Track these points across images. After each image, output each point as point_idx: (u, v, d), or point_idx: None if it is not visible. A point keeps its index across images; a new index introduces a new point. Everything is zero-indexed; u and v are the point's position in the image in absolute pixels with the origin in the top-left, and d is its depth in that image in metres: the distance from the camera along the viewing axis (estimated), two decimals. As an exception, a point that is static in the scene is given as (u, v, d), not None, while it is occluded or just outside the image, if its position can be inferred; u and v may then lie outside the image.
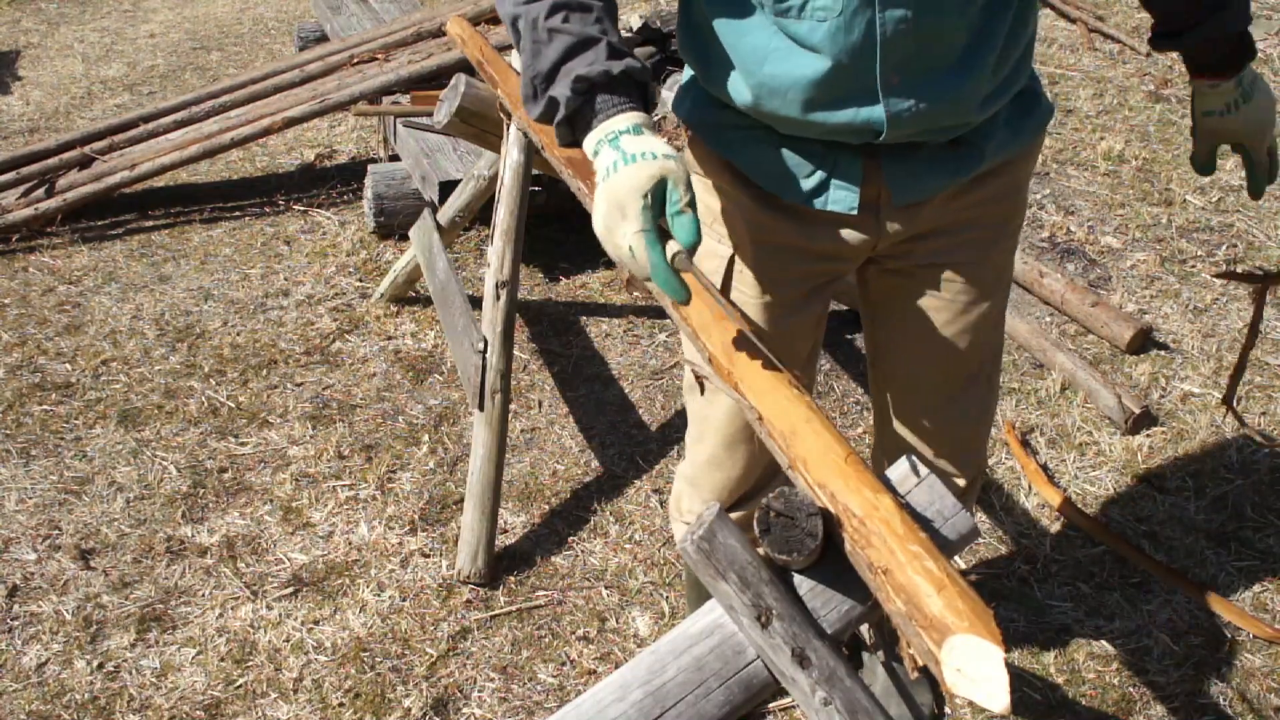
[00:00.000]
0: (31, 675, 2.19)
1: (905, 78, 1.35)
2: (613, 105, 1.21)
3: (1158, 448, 2.83)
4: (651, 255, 1.14)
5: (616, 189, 1.15)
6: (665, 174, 1.15)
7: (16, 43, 6.07)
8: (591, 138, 1.22)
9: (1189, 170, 4.14)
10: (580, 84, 1.20)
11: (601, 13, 1.27)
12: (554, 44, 1.24)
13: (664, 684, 1.11)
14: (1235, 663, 2.24)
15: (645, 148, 1.17)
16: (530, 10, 1.26)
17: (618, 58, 1.23)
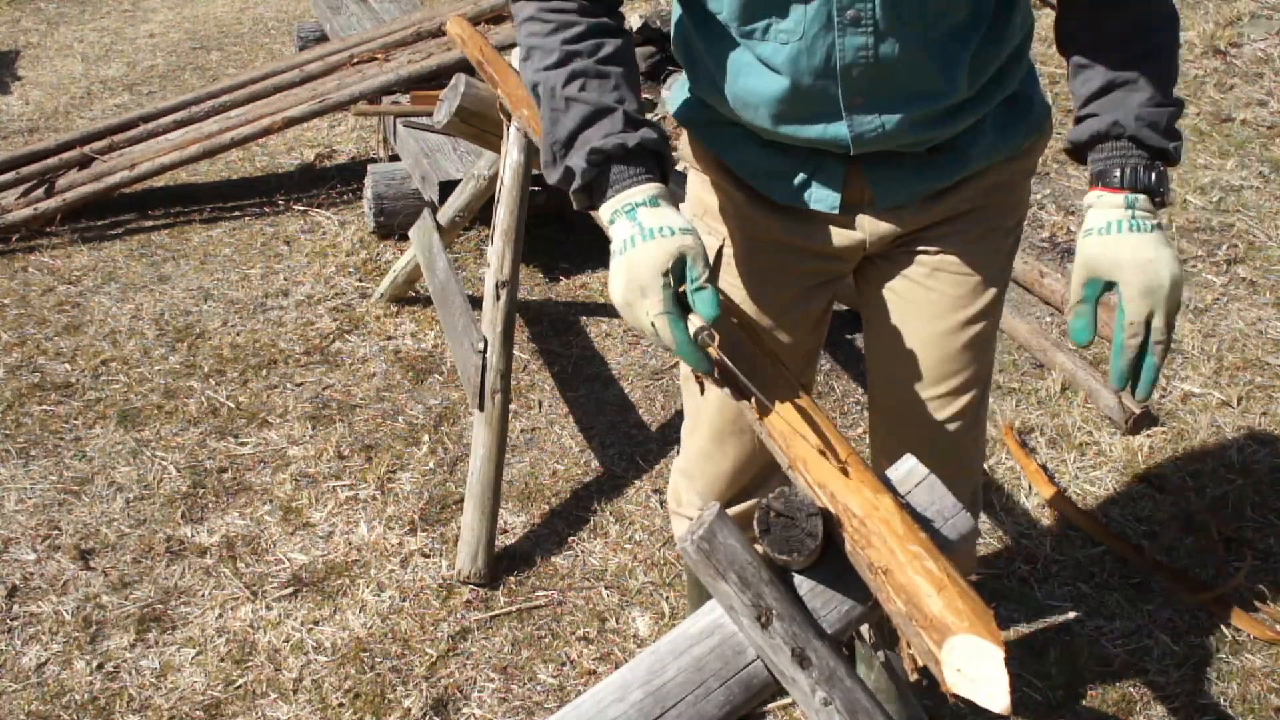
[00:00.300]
0: (31, 675, 2.19)
1: (869, 99, 1.38)
2: (629, 176, 1.22)
3: (1158, 448, 2.83)
4: (676, 335, 1.16)
5: (636, 266, 1.17)
6: (684, 251, 1.17)
7: (16, 43, 6.07)
8: (607, 207, 1.23)
9: (1189, 170, 4.14)
10: (595, 155, 1.22)
11: (620, 79, 1.29)
12: (571, 113, 1.25)
13: (664, 684, 1.11)
14: (1235, 663, 2.24)
15: (663, 222, 1.18)
16: (549, 78, 1.28)
17: (633, 129, 1.24)
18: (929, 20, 1.32)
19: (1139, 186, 1.25)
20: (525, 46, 1.33)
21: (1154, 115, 1.26)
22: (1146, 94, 1.26)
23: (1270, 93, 4.67)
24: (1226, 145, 4.31)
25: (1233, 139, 4.35)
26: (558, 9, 1.31)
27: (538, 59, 1.30)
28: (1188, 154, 4.25)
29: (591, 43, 1.30)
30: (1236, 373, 3.11)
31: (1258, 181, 4.07)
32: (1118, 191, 1.24)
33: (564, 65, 1.28)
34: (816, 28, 1.31)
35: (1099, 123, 1.27)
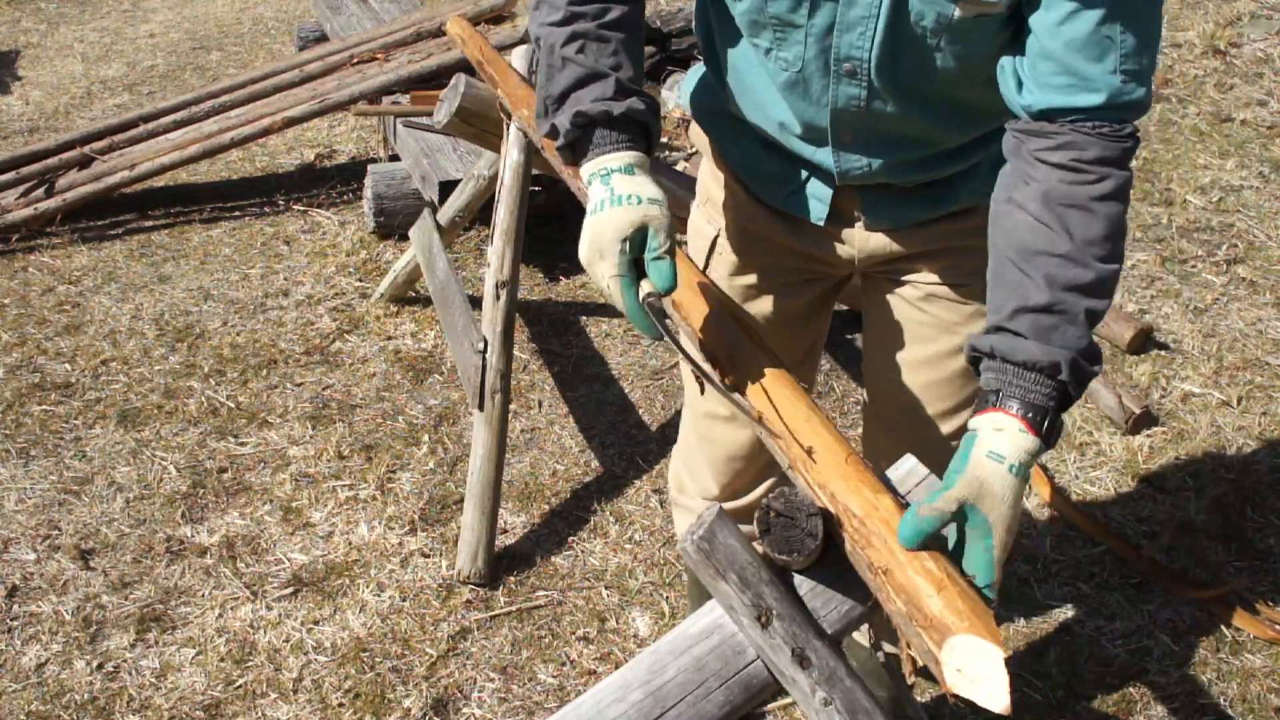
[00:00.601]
0: (31, 675, 2.19)
1: (858, 140, 1.40)
2: (610, 142, 1.24)
3: (1158, 448, 2.83)
4: (626, 298, 1.20)
5: (600, 229, 1.20)
6: (647, 220, 1.19)
7: (16, 43, 6.07)
8: (586, 169, 1.26)
9: (1189, 170, 4.14)
10: (580, 118, 1.24)
11: (619, 45, 1.30)
12: (566, 71, 1.27)
13: (664, 684, 1.11)
14: (1235, 663, 2.24)
15: (633, 189, 1.20)
16: (551, 34, 1.30)
17: (622, 96, 1.25)
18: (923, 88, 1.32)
19: (1050, 440, 1.12)
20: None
21: (1086, 369, 1.13)
22: (1084, 334, 1.13)
23: (1270, 93, 4.67)
24: (1226, 145, 4.31)
25: (1233, 139, 4.35)
26: None
27: (544, 13, 1.32)
28: (1188, 154, 4.25)
29: (598, 6, 1.31)
30: (1236, 373, 3.11)
31: (1258, 181, 4.07)
32: (1034, 434, 1.10)
33: (567, 25, 1.29)
34: (814, 68, 1.33)
35: (1040, 353, 1.11)
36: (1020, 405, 1.10)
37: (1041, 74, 1.16)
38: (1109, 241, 1.14)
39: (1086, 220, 1.14)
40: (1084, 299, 1.13)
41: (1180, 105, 4.61)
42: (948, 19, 1.21)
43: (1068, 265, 1.13)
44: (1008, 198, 1.19)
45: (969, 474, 1.08)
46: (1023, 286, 1.14)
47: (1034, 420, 1.10)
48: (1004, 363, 1.13)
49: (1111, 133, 1.15)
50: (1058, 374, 1.11)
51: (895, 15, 1.23)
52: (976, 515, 1.08)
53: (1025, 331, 1.12)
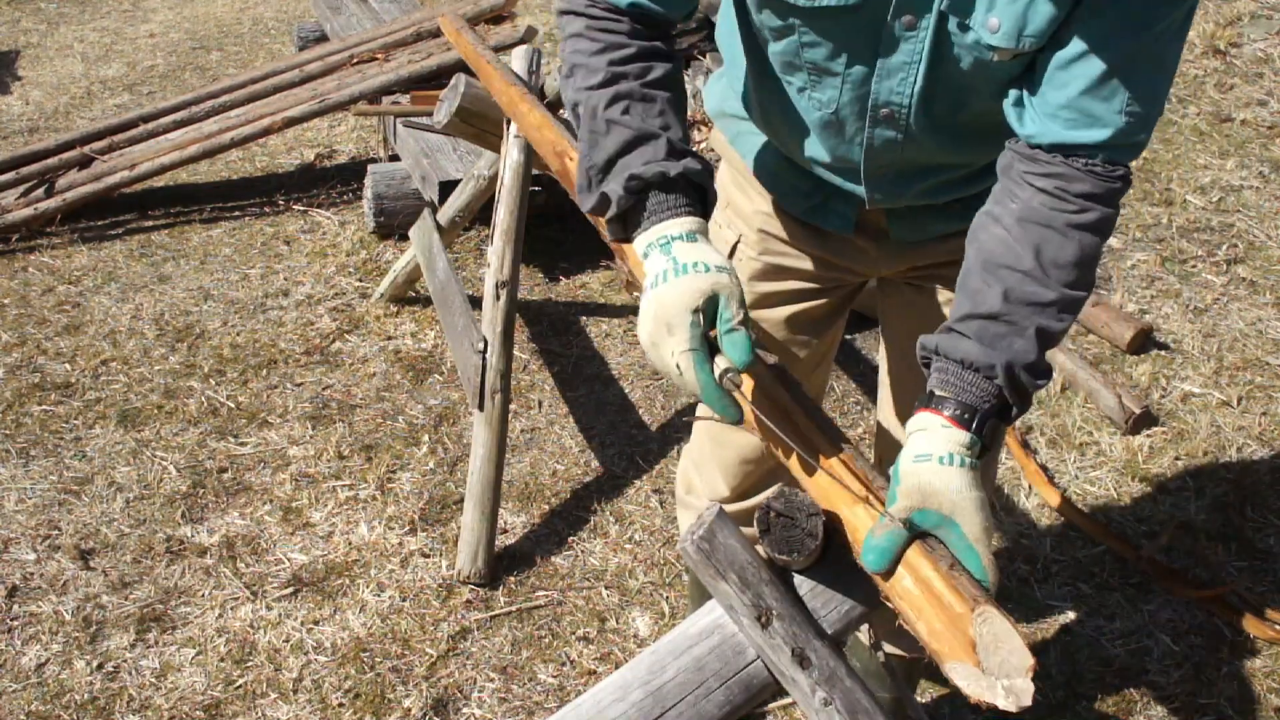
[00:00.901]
0: (31, 675, 2.19)
1: (891, 171, 1.40)
2: (667, 208, 1.15)
3: (1158, 448, 2.83)
4: (700, 376, 1.08)
5: (665, 302, 1.09)
6: (718, 289, 1.09)
7: (16, 43, 6.07)
8: (643, 239, 1.16)
9: (1189, 170, 4.14)
10: (634, 182, 1.15)
11: (666, 104, 1.22)
12: (612, 136, 1.18)
13: (664, 684, 1.11)
14: (1235, 663, 2.24)
15: (698, 257, 1.11)
16: (592, 98, 1.21)
17: (676, 157, 1.17)
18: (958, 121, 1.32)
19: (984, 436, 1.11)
20: (569, 64, 1.26)
21: (1026, 379, 1.13)
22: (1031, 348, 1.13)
23: (1270, 93, 4.67)
24: (1226, 145, 4.31)
25: (1233, 139, 4.35)
26: (608, 28, 1.25)
27: (581, 77, 1.23)
28: (1188, 154, 4.25)
29: (639, 65, 1.23)
30: (1236, 373, 3.11)
31: (1258, 181, 4.07)
32: (963, 429, 1.09)
33: (608, 86, 1.21)
34: (850, 111, 1.32)
35: (977, 354, 1.11)
36: (951, 404, 1.10)
37: (1047, 107, 1.16)
38: (1077, 268, 1.15)
39: (1059, 243, 1.14)
40: (1038, 316, 1.13)
41: (1180, 105, 4.61)
42: (986, 62, 1.20)
43: (1028, 281, 1.13)
44: (988, 211, 1.20)
45: (904, 485, 1.07)
46: (979, 295, 1.15)
47: (960, 417, 1.10)
48: (944, 359, 1.14)
49: (1104, 171, 1.15)
50: (993, 376, 1.11)
51: (935, 60, 1.22)
52: (930, 515, 1.05)
53: (970, 334, 1.13)
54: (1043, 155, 1.16)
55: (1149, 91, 1.14)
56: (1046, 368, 1.14)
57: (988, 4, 1.15)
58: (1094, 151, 1.14)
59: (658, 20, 1.27)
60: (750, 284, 1.63)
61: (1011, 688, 0.93)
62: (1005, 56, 1.18)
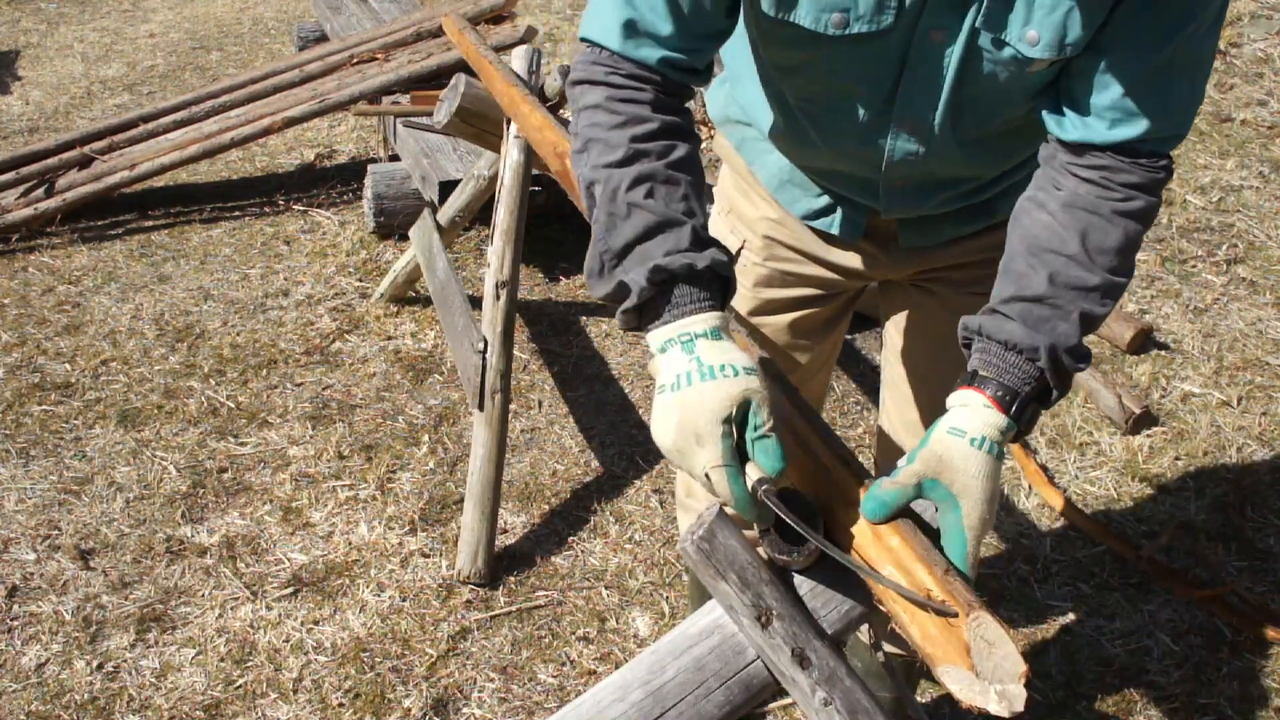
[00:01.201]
0: (31, 675, 2.19)
1: (910, 184, 1.39)
2: (690, 302, 1.08)
3: (1158, 448, 2.83)
4: (735, 490, 1.03)
5: (692, 410, 1.03)
6: (748, 395, 1.04)
7: (16, 43, 6.07)
8: (661, 334, 1.08)
9: (1189, 170, 4.14)
10: (659, 274, 1.08)
11: (689, 188, 1.15)
12: (632, 220, 1.10)
13: (664, 684, 1.11)
14: (1235, 663, 2.24)
15: (725, 359, 1.05)
16: (612, 176, 1.13)
17: (701, 247, 1.10)
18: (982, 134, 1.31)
19: (1022, 421, 1.12)
20: (584, 137, 1.18)
21: (1068, 362, 1.13)
22: (1074, 332, 1.13)
23: (1270, 93, 4.67)
24: (1226, 145, 4.31)
25: (1233, 139, 4.35)
26: (630, 98, 1.17)
27: (598, 153, 1.15)
28: (1188, 154, 4.25)
29: (663, 144, 1.16)
30: (1236, 373, 3.11)
31: (1258, 181, 4.07)
32: (1003, 412, 1.09)
33: (630, 164, 1.13)
34: (872, 129, 1.31)
35: (1021, 335, 1.11)
36: (993, 385, 1.10)
37: (1089, 109, 1.15)
38: (1120, 255, 1.15)
39: (1103, 229, 1.14)
40: (1082, 300, 1.14)
41: (1180, 105, 4.61)
42: (1023, 74, 1.19)
43: (1073, 266, 1.14)
44: (1032, 197, 1.20)
45: (928, 450, 1.07)
46: (1024, 278, 1.15)
47: (1002, 399, 1.10)
48: (987, 340, 1.13)
49: (1148, 163, 1.16)
50: (1036, 359, 1.11)
51: (962, 77, 1.21)
52: (938, 489, 1.05)
53: (1015, 316, 1.13)
54: (1089, 152, 1.17)
55: (1188, 86, 1.15)
56: (1087, 351, 1.15)
57: (1024, 17, 1.13)
58: (1137, 146, 1.15)
59: (684, 84, 1.22)
60: (754, 290, 1.62)
61: (1005, 693, 0.94)
62: (1042, 66, 1.17)
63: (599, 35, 1.20)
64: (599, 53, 1.20)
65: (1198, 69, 1.15)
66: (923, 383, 1.68)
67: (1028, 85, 1.21)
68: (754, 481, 1.03)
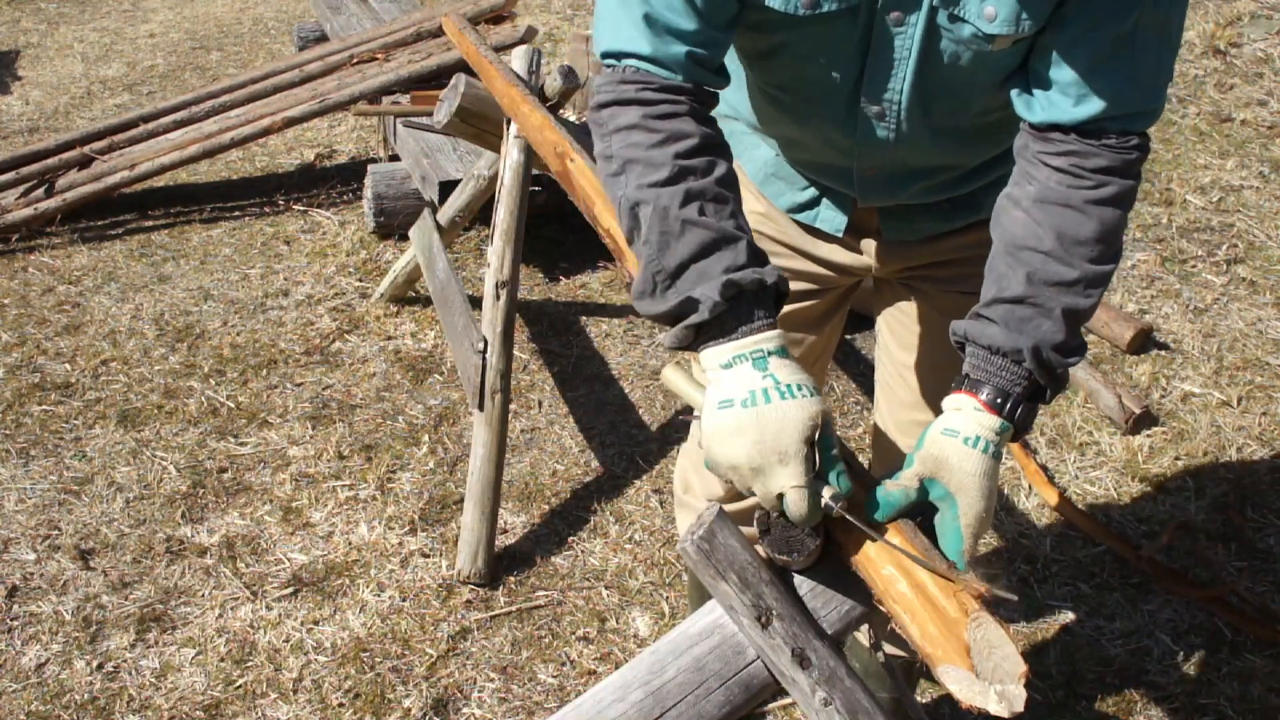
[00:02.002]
0: (31, 675, 2.19)
1: (883, 172, 1.40)
2: (759, 317, 1.08)
3: (1158, 448, 2.83)
4: (812, 506, 1.04)
5: (776, 430, 1.03)
6: (826, 417, 1.05)
7: (16, 43, 6.07)
8: (727, 349, 1.07)
9: (1189, 170, 4.14)
10: (730, 289, 1.07)
11: (736, 206, 1.15)
12: (687, 237, 1.09)
13: (664, 684, 1.11)
14: (1235, 663, 2.24)
15: (799, 379, 1.06)
16: (661, 196, 1.11)
17: (761, 262, 1.11)
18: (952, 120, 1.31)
19: (1016, 420, 1.12)
20: (622, 159, 1.15)
21: (1055, 360, 1.13)
22: (1059, 329, 1.13)
23: (1270, 93, 4.67)
24: (1226, 145, 4.31)
25: (1233, 139, 4.35)
26: (667, 114, 1.15)
27: (639, 173, 1.13)
28: (1188, 154, 4.25)
29: (706, 159, 1.15)
30: (1236, 373, 3.11)
31: (1258, 181, 4.07)
32: (995, 414, 1.10)
33: (677, 183, 1.12)
34: (840, 114, 1.32)
35: (1003, 339, 1.12)
36: (983, 388, 1.13)
37: (1054, 87, 1.16)
38: (1099, 244, 1.15)
39: (1078, 221, 1.14)
40: (1063, 295, 1.14)
41: (1180, 105, 4.61)
42: (984, 53, 1.20)
43: (1050, 262, 1.14)
44: (1008, 194, 1.21)
45: (924, 451, 1.10)
46: (1004, 279, 1.16)
47: (992, 400, 1.12)
48: (973, 345, 1.16)
49: (1117, 143, 1.15)
50: (1021, 360, 1.12)
51: (925, 57, 1.22)
52: (937, 487, 1.09)
53: (997, 319, 1.15)
54: (1056, 134, 1.17)
55: (1154, 60, 1.14)
56: (1078, 344, 1.16)
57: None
58: (1106, 124, 1.14)
59: (711, 87, 1.22)
60: None
61: (1004, 693, 0.94)
62: (1004, 44, 1.18)
63: (624, 44, 1.18)
64: (625, 69, 1.18)
65: (1163, 42, 1.14)
66: (914, 382, 1.68)
67: (993, 67, 1.21)
68: (828, 499, 1.05)
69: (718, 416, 1.05)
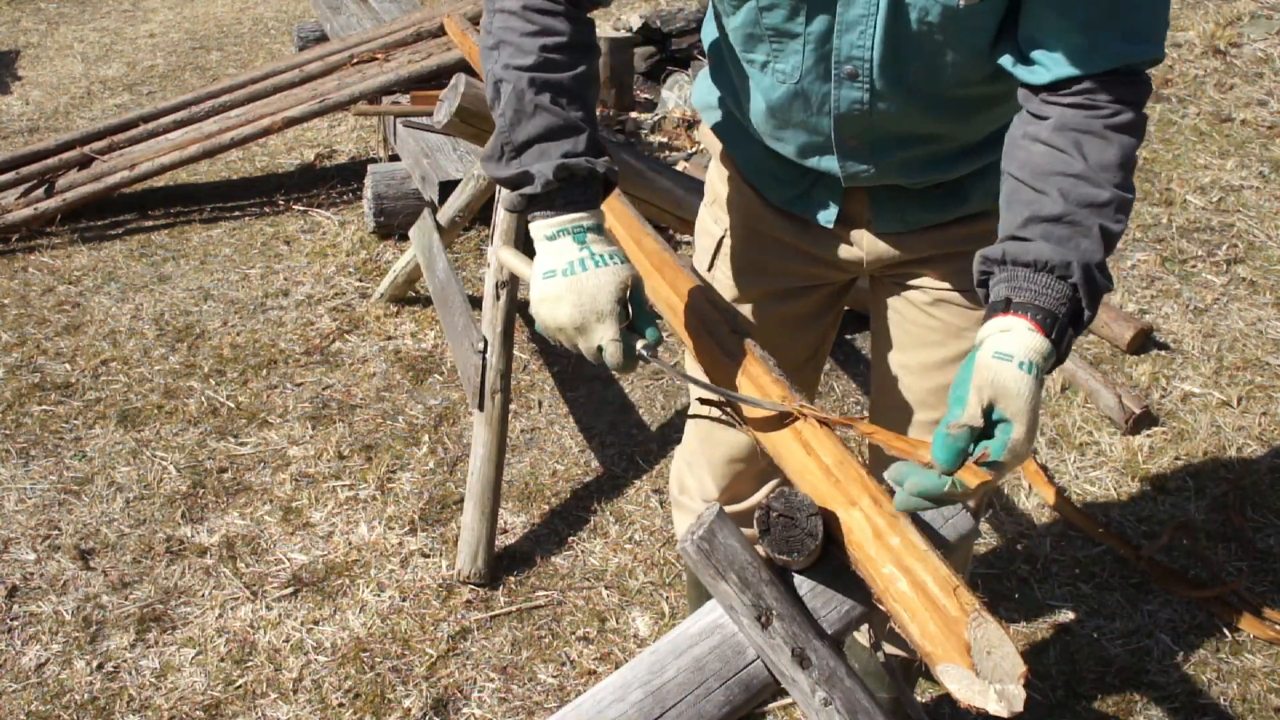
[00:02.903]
0: (31, 675, 2.19)
1: (863, 142, 1.39)
2: (585, 197, 1.23)
3: (1158, 448, 2.83)
4: (627, 355, 1.20)
5: (588, 291, 1.18)
6: (634, 279, 1.21)
7: (16, 43, 6.07)
8: (552, 223, 1.21)
9: (1189, 170, 4.14)
10: (564, 171, 1.21)
11: (587, 103, 1.28)
12: (536, 119, 1.23)
13: (664, 684, 1.11)
14: (1235, 663, 2.24)
15: (610, 250, 1.21)
16: (520, 78, 1.24)
17: (597, 154, 1.24)
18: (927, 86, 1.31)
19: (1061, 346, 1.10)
20: (497, 38, 1.28)
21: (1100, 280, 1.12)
22: (1098, 248, 1.12)
23: (1270, 93, 4.67)
24: (1226, 145, 4.31)
25: (1233, 139, 4.35)
26: (545, 9, 1.28)
27: (508, 54, 1.26)
28: (1188, 154, 4.25)
29: (569, 57, 1.27)
30: (1236, 373, 3.11)
31: (1258, 181, 4.07)
32: (1045, 336, 1.08)
33: (539, 71, 1.25)
34: (813, 76, 1.32)
35: (1051, 253, 1.11)
36: (1032, 309, 1.09)
37: (1050, 50, 1.16)
38: (1122, 170, 1.15)
39: (1100, 146, 1.15)
40: (1098, 215, 1.13)
41: (1180, 105, 4.61)
42: (953, 10, 1.20)
43: (1082, 184, 1.14)
44: (1022, 133, 1.20)
45: (980, 378, 1.06)
46: (1037, 201, 1.15)
47: (1043, 323, 1.08)
48: (1014, 266, 1.12)
49: (1126, 78, 1.16)
50: (1069, 276, 1.10)
51: (894, 12, 1.23)
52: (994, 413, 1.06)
53: (1037, 236, 1.13)
54: (1063, 88, 1.17)
55: (1149, 9, 1.15)
56: (1109, 274, 1.15)
57: None
58: (1113, 72, 1.15)
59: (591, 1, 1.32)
60: (736, 279, 1.63)
61: (1004, 693, 0.94)
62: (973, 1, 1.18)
63: None
64: None
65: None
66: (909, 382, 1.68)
67: (966, 28, 1.22)
68: (641, 347, 1.21)
69: (543, 285, 1.20)
